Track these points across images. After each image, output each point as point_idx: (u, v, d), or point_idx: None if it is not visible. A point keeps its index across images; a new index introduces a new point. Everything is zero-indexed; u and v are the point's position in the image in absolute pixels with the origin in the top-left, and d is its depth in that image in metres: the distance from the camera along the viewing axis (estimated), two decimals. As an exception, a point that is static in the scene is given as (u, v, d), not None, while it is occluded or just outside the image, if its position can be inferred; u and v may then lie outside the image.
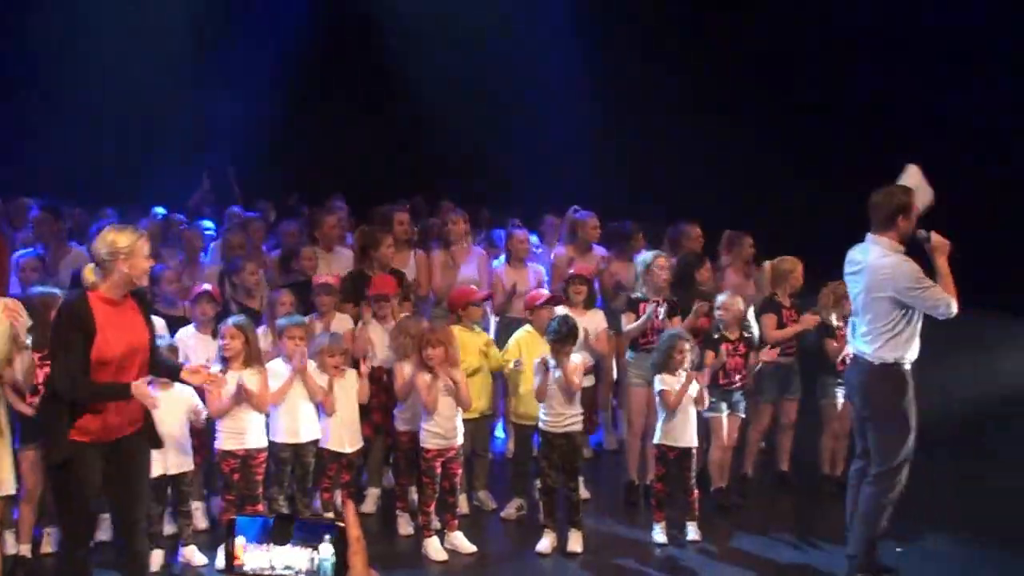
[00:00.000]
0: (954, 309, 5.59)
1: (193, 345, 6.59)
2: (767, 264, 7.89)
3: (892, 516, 5.90)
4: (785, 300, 7.44)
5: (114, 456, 4.88)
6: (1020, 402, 8.95)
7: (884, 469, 5.78)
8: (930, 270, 5.67)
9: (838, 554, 6.20)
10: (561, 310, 6.90)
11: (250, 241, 8.37)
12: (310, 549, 1.35)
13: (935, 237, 5.69)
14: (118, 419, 4.86)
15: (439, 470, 6.38)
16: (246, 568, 1.37)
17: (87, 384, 4.72)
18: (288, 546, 1.36)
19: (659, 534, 6.56)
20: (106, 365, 4.73)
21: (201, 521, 6.59)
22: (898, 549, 6.33)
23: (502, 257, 8.29)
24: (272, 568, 1.35)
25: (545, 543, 6.41)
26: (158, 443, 5.20)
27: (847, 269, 5.96)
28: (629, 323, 7.14)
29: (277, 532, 1.36)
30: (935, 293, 5.56)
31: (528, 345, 6.90)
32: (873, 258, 5.71)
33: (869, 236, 5.81)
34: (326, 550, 1.35)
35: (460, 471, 6.57)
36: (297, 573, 1.35)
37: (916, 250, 5.74)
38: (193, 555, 6.15)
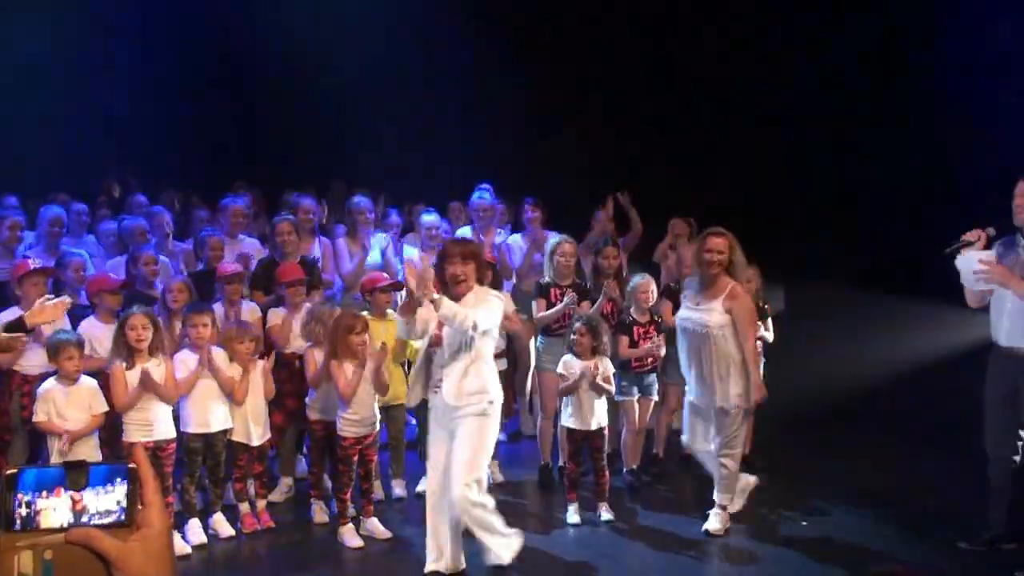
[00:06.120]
0: None
1: (98, 335, 6.44)
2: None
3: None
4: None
5: None
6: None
7: None
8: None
9: (741, 530, 6.43)
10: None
11: (159, 232, 8.11)
12: (104, 491, 1.36)
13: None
14: None
15: (356, 458, 6.36)
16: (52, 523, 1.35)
17: None
18: (85, 491, 1.36)
19: (572, 515, 6.64)
20: None
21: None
22: (803, 523, 6.56)
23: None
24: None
25: None
26: None
27: None
28: (540, 309, 7.20)
29: (72, 479, 1.35)
30: None
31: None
32: None
33: None
34: (119, 491, 1.36)
35: (376, 457, 6.55)
36: (92, 516, 1.35)
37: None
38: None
